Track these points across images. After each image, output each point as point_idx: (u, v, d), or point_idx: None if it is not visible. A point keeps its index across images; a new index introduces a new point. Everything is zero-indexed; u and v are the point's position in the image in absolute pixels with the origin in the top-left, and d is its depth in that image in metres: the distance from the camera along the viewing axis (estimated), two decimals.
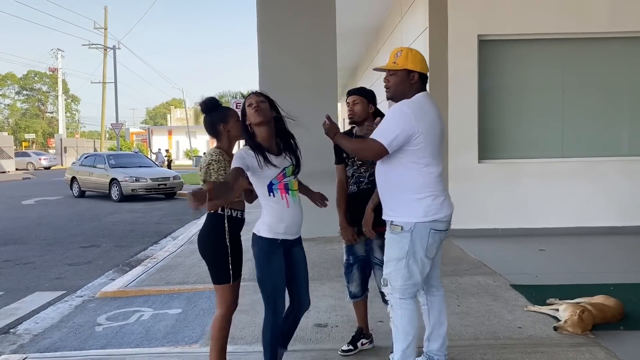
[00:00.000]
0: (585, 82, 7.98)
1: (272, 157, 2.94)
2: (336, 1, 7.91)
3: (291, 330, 3.25)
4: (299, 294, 3.15)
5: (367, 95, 3.44)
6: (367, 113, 3.41)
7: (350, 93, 3.49)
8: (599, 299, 4.23)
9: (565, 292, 4.72)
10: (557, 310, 4.13)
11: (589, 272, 5.66)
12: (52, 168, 41.27)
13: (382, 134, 2.78)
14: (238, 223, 3.12)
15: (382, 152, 2.79)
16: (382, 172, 2.95)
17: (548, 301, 4.45)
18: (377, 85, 3.52)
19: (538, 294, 4.77)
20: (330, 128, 3.09)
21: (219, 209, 3.02)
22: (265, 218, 2.97)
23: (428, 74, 2.95)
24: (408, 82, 2.88)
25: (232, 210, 3.07)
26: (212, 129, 3.12)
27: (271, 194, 2.95)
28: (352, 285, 3.59)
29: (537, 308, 4.37)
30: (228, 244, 3.03)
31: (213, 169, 2.97)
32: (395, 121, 2.77)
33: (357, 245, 3.49)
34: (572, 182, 7.81)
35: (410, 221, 2.82)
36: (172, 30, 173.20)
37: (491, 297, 4.80)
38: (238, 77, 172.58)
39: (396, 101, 2.93)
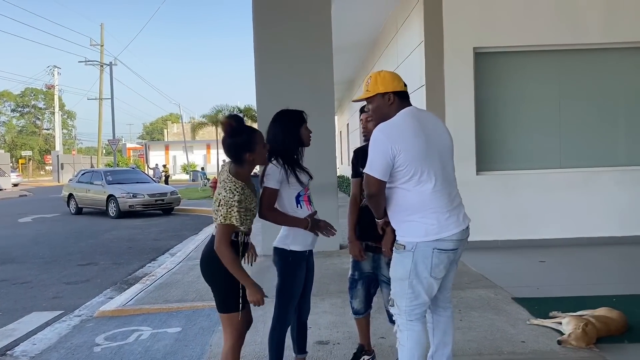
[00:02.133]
0: (581, 93, 8.01)
1: (302, 172, 3.11)
2: (332, 15, 7.95)
3: (303, 335, 3.34)
4: (302, 303, 3.25)
5: None
6: None
7: (363, 110, 3.42)
8: (602, 311, 4.19)
9: (568, 304, 4.69)
10: (560, 323, 4.09)
11: (591, 284, 5.63)
12: (19, 185, 41.32)
13: (369, 166, 2.75)
14: (247, 248, 2.94)
15: (380, 184, 2.74)
16: (386, 194, 2.90)
17: (551, 314, 4.41)
18: None
19: (540, 306, 4.73)
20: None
21: (233, 236, 2.76)
22: (296, 230, 3.06)
23: (406, 89, 2.92)
24: (386, 104, 2.86)
25: (245, 236, 2.88)
26: (236, 155, 2.79)
27: (299, 205, 3.08)
28: (355, 302, 3.53)
29: (540, 321, 4.33)
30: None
31: (235, 211, 2.68)
32: (374, 148, 2.75)
33: (364, 261, 3.44)
34: (571, 193, 7.80)
35: (412, 240, 2.75)
36: (168, 46, 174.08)
37: (493, 310, 4.76)
38: (235, 91, 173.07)
39: None
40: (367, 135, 3.41)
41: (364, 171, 2.82)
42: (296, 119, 3.15)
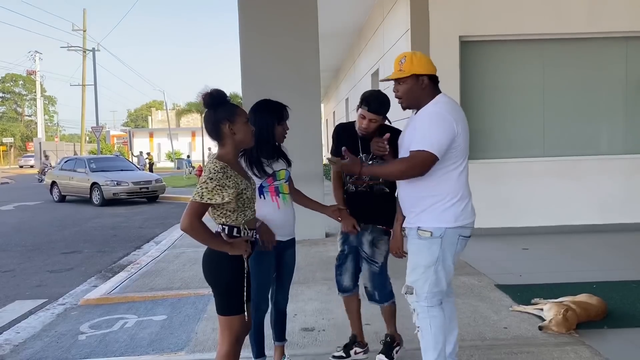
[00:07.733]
0: (564, 82, 8.08)
1: (265, 164, 3.03)
2: (318, 2, 7.90)
3: (280, 323, 3.33)
4: (277, 293, 3.25)
5: (385, 113, 3.22)
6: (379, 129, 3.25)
7: (370, 109, 3.16)
8: (582, 297, 4.27)
9: (549, 291, 4.77)
10: (542, 309, 4.16)
11: (572, 271, 5.73)
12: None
13: (428, 142, 2.62)
14: (253, 245, 2.70)
15: (434, 162, 2.64)
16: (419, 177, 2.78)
17: (533, 301, 4.48)
18: (362, 87, 3.47)
19: (523, 293, 4.81)
20: (354, 164, 2.88)
21: (234, 231, 2.54)
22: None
23: (437, 74, 2.84)
24: (419, 87, 2.76)
25: (253, 232, 2.65)
26: (214, 129, 2.52)
27: (262, 196, 3.03)
28: (345, 277, 3.44)
29: (522, 308, 4.40)
30: (246, 272, 2.58)
31: (206, 188, 2.41)
32: (437, 126, 2.65)
33: (351, 235, 3.39)
34: (554, 181, 7.90)
35: (441, 226, 2.71)
36: (152, 32, 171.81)
37: (476, 297, 4.82)
38: (220, 78, 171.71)
39: (412, 109, 2.83)
40: (365, 135, 3.23)
41: (417, 149, 2.64)
42: (276, 113, 3.04)
